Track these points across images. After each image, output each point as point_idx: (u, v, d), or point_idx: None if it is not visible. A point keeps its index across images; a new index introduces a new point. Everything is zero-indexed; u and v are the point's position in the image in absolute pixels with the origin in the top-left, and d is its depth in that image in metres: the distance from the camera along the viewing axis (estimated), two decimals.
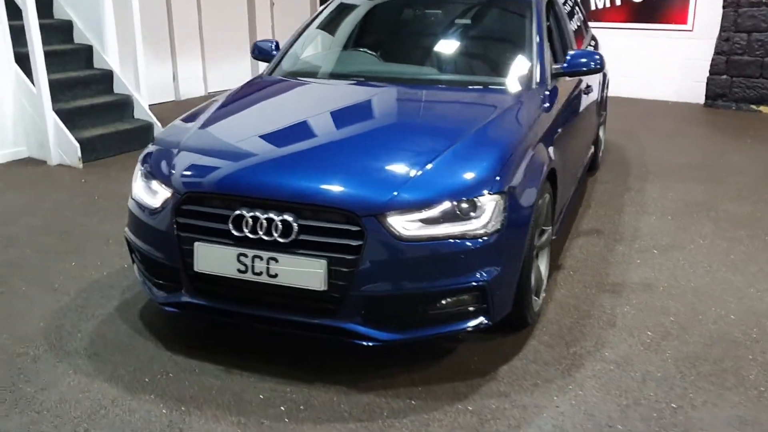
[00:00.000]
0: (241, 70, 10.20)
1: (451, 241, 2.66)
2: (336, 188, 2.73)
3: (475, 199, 2.71)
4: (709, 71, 8.50)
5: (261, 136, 3.19)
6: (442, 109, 3.59)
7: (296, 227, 2.67)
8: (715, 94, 8.47)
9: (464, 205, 2.70)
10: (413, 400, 2.71)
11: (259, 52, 4.43)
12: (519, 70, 3.81)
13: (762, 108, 8.24)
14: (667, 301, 3.60)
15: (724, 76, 8.36)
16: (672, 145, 7.04)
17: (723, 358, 3.06)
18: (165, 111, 7.22)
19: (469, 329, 2.80)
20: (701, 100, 8.70)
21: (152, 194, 3.02)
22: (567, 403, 2.71)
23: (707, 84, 8.52)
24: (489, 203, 2.72)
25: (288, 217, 2.67)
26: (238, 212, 2.73)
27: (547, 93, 3.69)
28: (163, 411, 2.63)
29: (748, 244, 4.41)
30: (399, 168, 2.82)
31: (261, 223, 2.70)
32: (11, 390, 2.75)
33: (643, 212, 4.97)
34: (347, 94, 3.73)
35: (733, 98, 8.36)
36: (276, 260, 2.69)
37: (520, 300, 3.01)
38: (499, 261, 2.77)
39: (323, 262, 2.64)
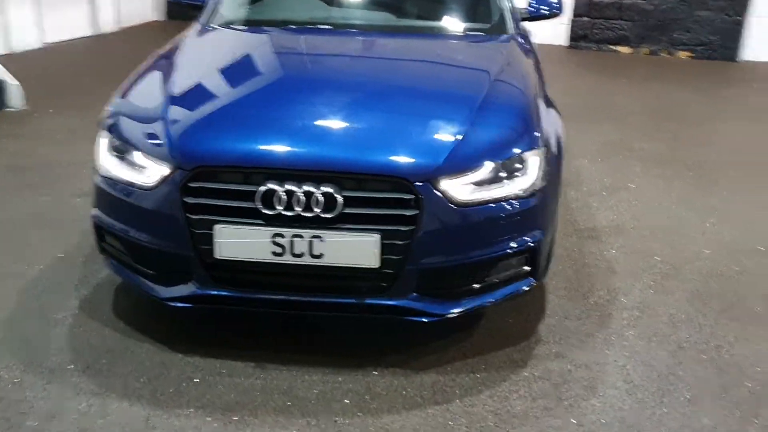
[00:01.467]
0: (82, 16, 9.08)
1: (506, 202, 2.49)
2: (382, 154, 2.44)
3: (522, 155, 2.55)
4: (573, 13, 8.85)
5: (266, 97, 2.76)
6: (441, 60, 3.32)
7: (341, 200, 2.35)
8: (578, 35, 8.85)
9: (511, 164, 2.53)
10: (477, 374, 2.55)
11: None
12: (493, 14, 3.64)
13: (620, 48, 8.75)
14: (644, 242, 3.70)
15: (586, 18, 8.75)
16: (558, 86, 7.23)
17: (724, 293, 3.19)
18: None
19: (519, 292, 2.67)
20: (564, 41, 9.06)
21: (137, 170, 2.53)
22: (621, 357, 2.69)
23: (571, 26, 8.87)
24: (533, 159, 2.58)
25: (329, 189, 2.35)
26: (267, 187, 2.35)
27: (523, 39, 3.58)
28: (214, 425, 2.25)
29: (679, 179, 4.65)
30: (439, 129, 2.59)
31: (298, 198, 2.35)
32: (10, 428, 2.21)
33: (572, 155, 5.07)
34: (328, 45, 3.36)
35: (594, 39, 8.79)
36: (321, 238, 2.36)
37: (549, 255, 2.93)
38: (546, 218, 2.66)
39: (376, 237, 2.36)
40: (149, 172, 2.50)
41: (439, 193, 2.38)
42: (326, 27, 3.48)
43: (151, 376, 2.48)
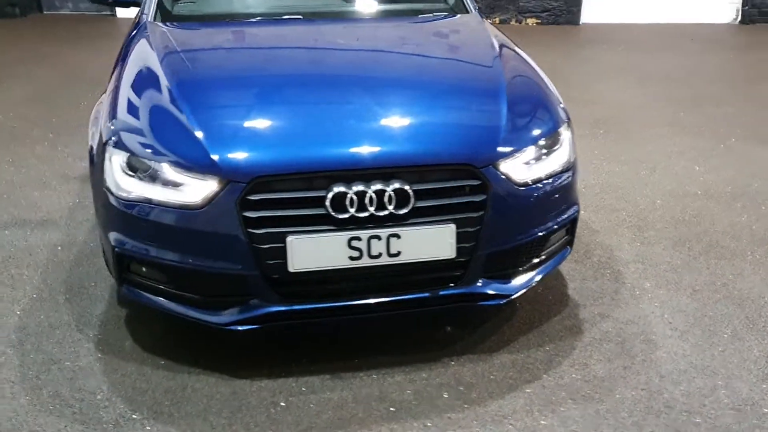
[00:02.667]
0: None
1: (553, 178, 2.55)
2: (444, 143, 2.42)
3: (558, 131, 2.63)
4: None
5: (302, 97, 2.59)
6: (440, 44, 3.25)
7: (412, 194, 2.29)
8: None
9: (550, 141, 2.59)
10: (545, 346, 2.62)
11: None
12: None
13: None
14: (602, 200, 3.95)
15: None
16: None
17: (696, 236, 3.50)
18: None
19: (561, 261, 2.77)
20: None
21: (172, 188, 2.29)
22: (654, 308, 2.88)
23: None
24: (565, 134, 2.67)
25: (399, 185, 2.28)
26: (336, 190, 2.24)
27: (483, 16, 3.65)
28: None
29: (594, 138, 5.00)
30: (484, 114, 2.60)
31: (370, 198, 2.26)
32: None
33: None
34: (322, 37, 3.17)
35: None
36: (398, 236, 2.30)
37: None
38: (577, 189, 2.76)
39: (452, 227, 2.34)
40: (190, 189, 2.27)
41: (502, 176, 2.40)
42: (297, 17, 3.31)
43: (232, 410, 2.28)
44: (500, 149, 2.42)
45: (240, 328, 2.37)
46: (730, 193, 4.03)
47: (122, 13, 9.30)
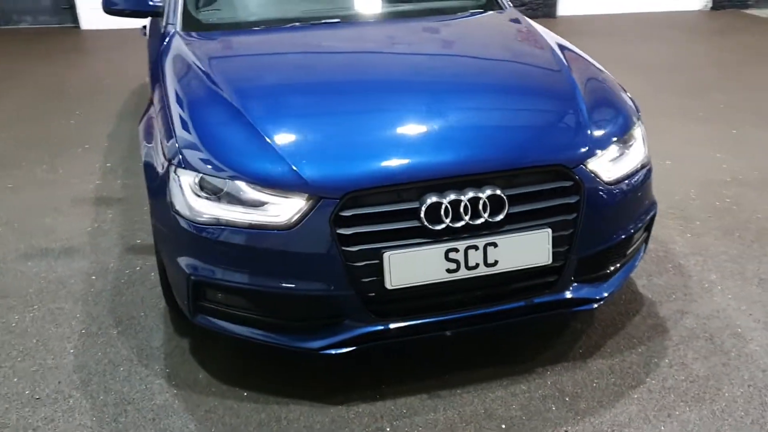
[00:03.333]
0: None
1: (635, 175, 2.48)
2: (535, 146, 2.33)
3: (634, 128, 2.57)
4: None
5: (378, 106, 2.46)
6: (495, 42, 3.13)
7: (507, 200, 2.19)
8: None
9: (627, 137, 2.52)
10: (637, 348, 2.55)
11: (128, 4, 3.32)
12: None
13: None
14: None
15: None
16: None
17: (744, 223, 3.48)
18: None
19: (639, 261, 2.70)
20: None
21: (252, 208, 2.15)
22: (729, 300, 2.83)
23: None
24: (638, 131, 2.61)
25: (492, 191, 2.17)
26: (431, 201, 2.13)
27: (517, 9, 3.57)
28: None
29: None
30: (564, 113, 2.49)
31: (466, 206, 2.15)
32: None
33: None
34: (375, 42, 3.05)
35: None
36: (495, 245, 2.19)
37: None
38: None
39: (548, 231, 2.24)
40: (275, 208, 2.14)
41: (593, 175, 2.32)
42: (334, 21, 3.17)
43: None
44: (588, 148, 2.34)
45: (334, 351, 2.23)
46: (758, 178, 4.03)
47: (87, 25, 8.98)
